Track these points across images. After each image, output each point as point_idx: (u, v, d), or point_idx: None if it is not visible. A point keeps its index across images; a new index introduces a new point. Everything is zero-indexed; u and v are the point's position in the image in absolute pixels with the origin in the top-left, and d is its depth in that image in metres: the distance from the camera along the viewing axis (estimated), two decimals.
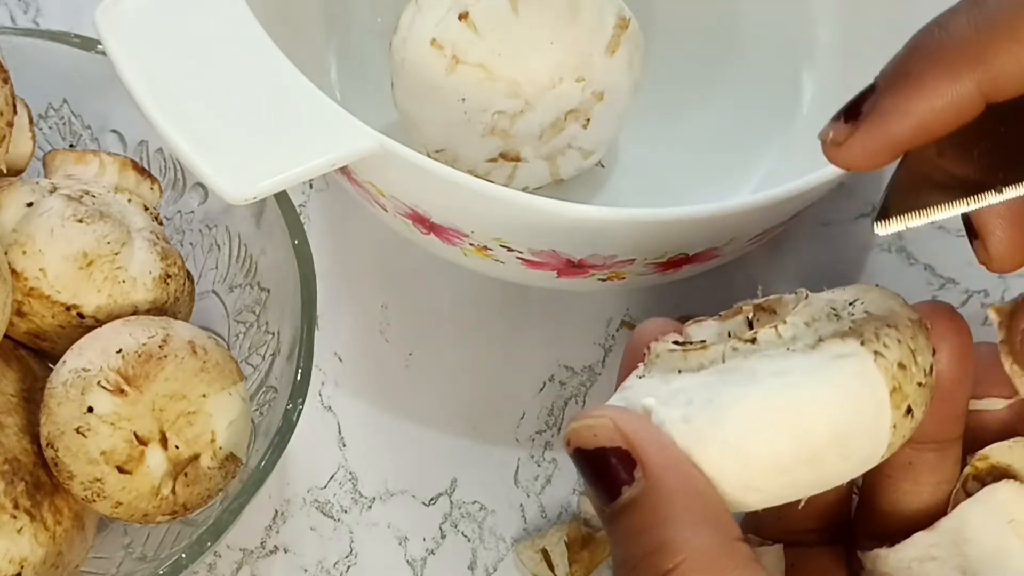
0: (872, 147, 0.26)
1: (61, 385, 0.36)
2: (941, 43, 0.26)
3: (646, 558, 0.26)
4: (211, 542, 0.36)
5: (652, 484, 0.27)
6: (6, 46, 0.41)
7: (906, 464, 0.31)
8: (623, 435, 0.27)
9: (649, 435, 0.27)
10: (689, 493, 0.27)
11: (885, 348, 0.27)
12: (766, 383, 0.27)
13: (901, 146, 0.26)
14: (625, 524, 0.27)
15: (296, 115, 0.38)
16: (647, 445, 0.27)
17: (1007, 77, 0.25)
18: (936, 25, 0.26)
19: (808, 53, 0.54)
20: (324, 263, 0.45)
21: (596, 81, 0.45)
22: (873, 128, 0.26)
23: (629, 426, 0.27)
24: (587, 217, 0.39)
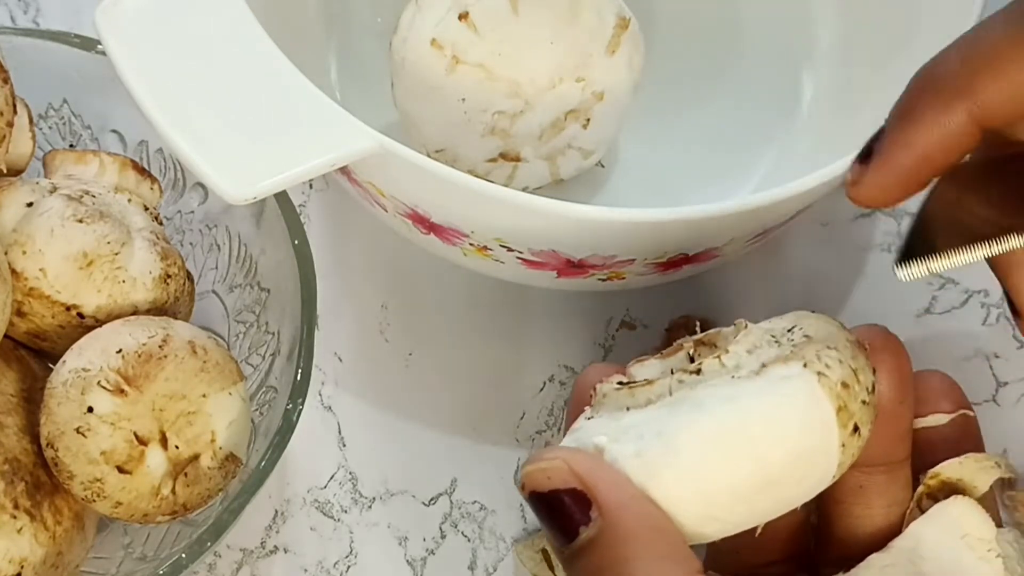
0: (884, 183, 0.28)
1: (61, 385, 0.36)
2: (934, 78, 0.27)
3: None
4: (211, 542, 0.36)
5: (609, 523, 0.27)
6: (6, 46, 0.41)
7: (856, 488, 0.32)
8: (576, 475, 0.27)
9: (602, 474, 0.27)
10: (647, 529, 0.27)
11: (827, 368, 0.28)
12: (715, 410, 0.27)
13: (911, 179, 0.27)
14: (584, 564, 0.27)
15: (296, 115, 0.38)
16: (601, 484, 0.27)
17: (995, 105, 0.26)
18: (931, 62, 0.28)
19: (808, 53, 0.54)
20: (324, 263, 0.45)
21: (596, 81, 0.45)
22: (882, 164, 0.28)
23: (582, 466, 0.27)
24: (587, 217, 0.39)
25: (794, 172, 0.41)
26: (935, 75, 0.27)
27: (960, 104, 0.27)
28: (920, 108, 0.27)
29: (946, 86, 0.27)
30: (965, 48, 0.27)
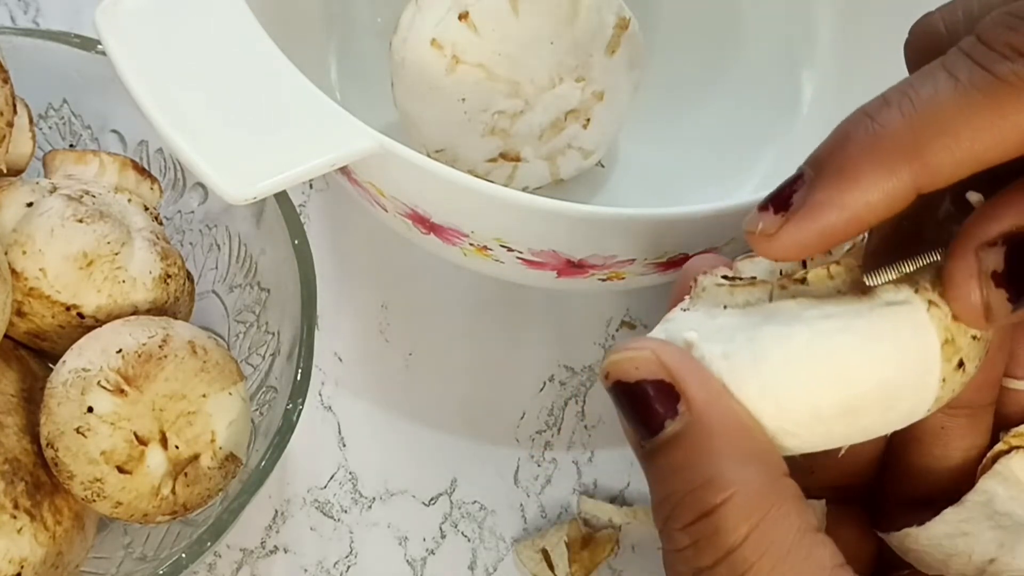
0: (803, 240, 0.26)
1: (61, 385, 0.36)
2: (876, 136, 0.26)
3: (691, 493, 0.26)
4: (211, 542, 0.36)
5: (696, 418, 0.26)
6: (6, 46, 0.41)
7: (938, 428, 0.31)
8: (666, 368, 0.27)
9: (692, 369, 0.27)
10: (734, 428, 0.26)
11: (940, 298, 0.27)
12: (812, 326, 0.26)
13: (834, 238, 0.26)
14: (667, 459, 0.27)
15: (296, 115, 0.38)
16: (690, 378, 0.26)
17: (942, 171, 0.26)
18: (867, 116, 0.27)
19: (808, 53, 0.54)
20: (324, 263, 0.45)
21: (596, 81, 0.45)
22: (805, 220, 0.26)
23: (672, 359, 0.27)
24: (587, 217, 0.39)
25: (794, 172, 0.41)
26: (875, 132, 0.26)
27: (905, 168, 0.26)
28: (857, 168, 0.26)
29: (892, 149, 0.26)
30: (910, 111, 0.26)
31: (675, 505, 0.26)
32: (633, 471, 0.47)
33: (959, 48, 0.26)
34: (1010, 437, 0.32)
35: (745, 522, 0.25)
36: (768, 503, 0.26)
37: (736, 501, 0.25)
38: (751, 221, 0.27)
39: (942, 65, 0.26)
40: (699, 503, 0.26)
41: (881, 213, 0.26)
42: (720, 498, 0.26)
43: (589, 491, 0.47)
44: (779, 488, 0.26)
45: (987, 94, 0.25)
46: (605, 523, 0.46)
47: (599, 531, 0.45)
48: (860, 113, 0.27)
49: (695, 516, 0.26)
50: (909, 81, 0.27)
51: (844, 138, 0.27)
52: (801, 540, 0.26)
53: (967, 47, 0.26)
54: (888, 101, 0.27)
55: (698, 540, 0.26)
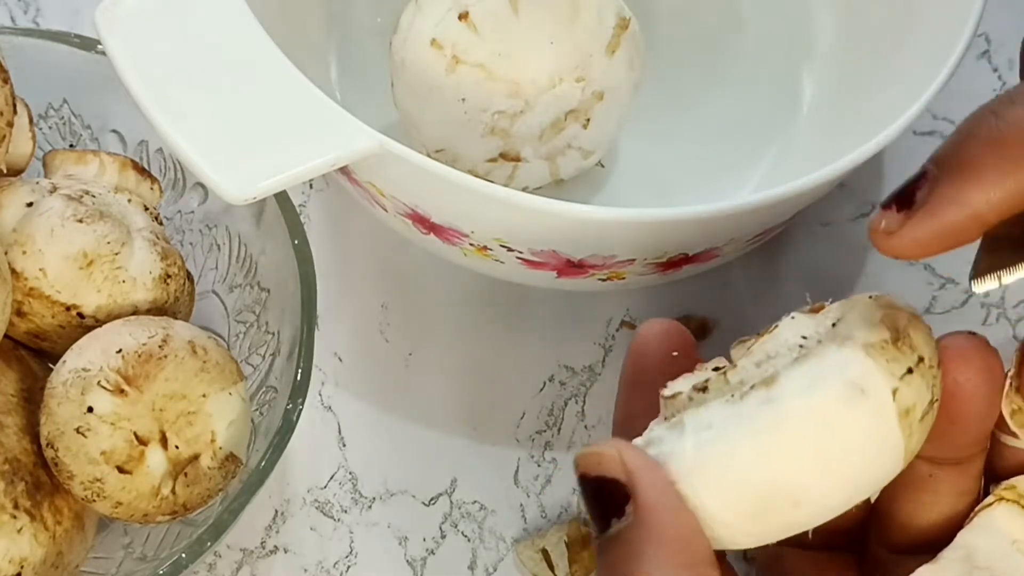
0: (924, 238, 0.26)
1: (61, 385, 0.36)
2: (1000, 133, 0.26)
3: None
4: (211, 542, 0.36)
5: (639, 521, 0.27)
6: (6, 46, 0.41)
7: (926, 476, 0.31)
8: (626, 469, 0.27)
9: (648, 473, 0.27)
10: (674, 537, 0.27)
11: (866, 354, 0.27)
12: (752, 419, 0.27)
13: (953, 238, 0.26)
14: (608, 556, 0.27)
15: (296, 115, 0.38)
16: (644, 481, 0.27)
17: None
18: (991, 113, 0.26)
19: (808, 53, 0.54)
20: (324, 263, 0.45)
21: (596, 81, 0.45)
22: (927, 218, 0.26)
23: (631, 461, 0.27)
24: (587, 217, 0.39)
25: (794, 172, 0.41)
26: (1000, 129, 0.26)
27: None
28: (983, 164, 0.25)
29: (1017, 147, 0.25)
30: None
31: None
32: None
33: None
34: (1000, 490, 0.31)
35: None
36: None
37: None
38: (875, 220, 0.27)
39: None
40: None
41: (1004, 211, 0.26)
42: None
43: None
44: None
45: None
46: None
47: None
48: (985, 111, 0.26)
49: None
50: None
51: (968, 136, 0.26)
52: None
53: None
54: (1013, 99, 0.26)
55: None
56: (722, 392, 0.28)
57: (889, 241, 0.27)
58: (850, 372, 0.26)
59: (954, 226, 0.26)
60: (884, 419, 0.26)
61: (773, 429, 0.26)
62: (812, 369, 0.27)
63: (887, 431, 0.27)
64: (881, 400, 0.26)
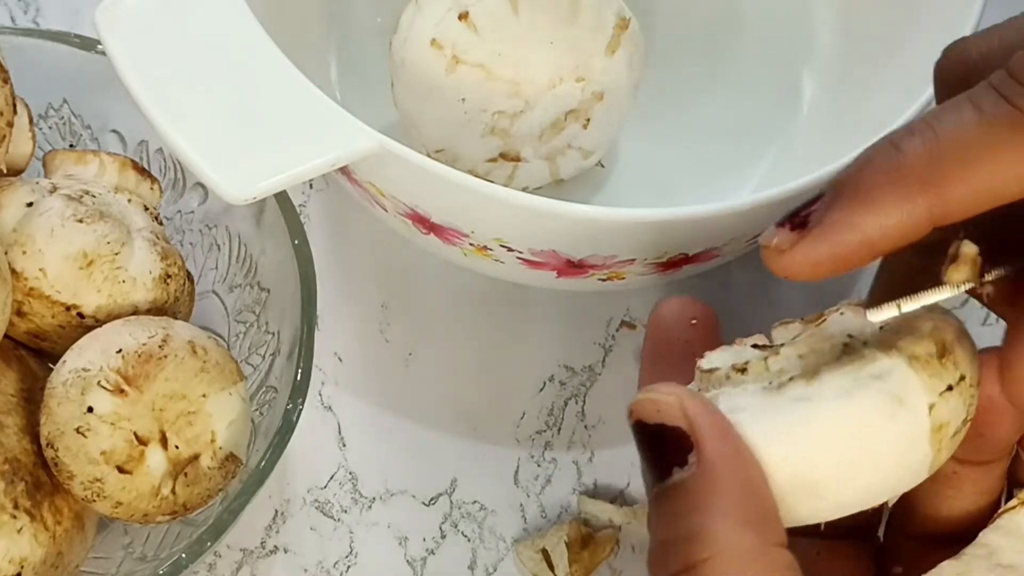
0: (815, 258, 0.27)
1: (61, 385, 0.36)
2: (896, 163, 0.26)
3: (680, 543, 0.26)
4: (211, 542, 0.36)
5: (703, 471, 0.26)
6: (6, 46, 0.41)
7: (950, 473, 0.31)
8: (686, 417, 0.27)
9: (712, 422, 0.27)
10: (739, 489, 0.26)
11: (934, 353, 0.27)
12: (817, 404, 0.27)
13: (845, 260, 0.26)
14: (668, 505, 0.27)
15: (296, 115, 0.38)
16: (707, 431, 0.27)
17: (957, 203, 0.26)
18: (891, 144, 0.27)
19: (808, 53, 0.54)
20: (324, 263, 0.45)
21: (596, 81, 0.45)
22: (819, 239, 0.26)
23: (694, 409, 0.27)
24: (587, 217, 0.39)
25: (794, 172, 0.41)
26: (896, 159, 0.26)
27: (923, 198, 0.26)
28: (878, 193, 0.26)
29: (907, 174, 0.26)
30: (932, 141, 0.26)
31: (664, 552, 0.27)
32: (633, 471, 0.47)
33: (988, 82, 0.26)
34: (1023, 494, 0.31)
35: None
36: (752, 571, 0.26)
37: (718, 561, 0.26)
38: (767, 236, 0.27)
39: (968, 98, 0.26)
40: (685, 555, 0.26)
41: (895, 240, 0.26)
42: (705, 555, 0.26)
43: (589, 491, 0.47)
44: (768, 557, 0.26)
45: (1011, 129, 0.25)
46: (605, 523, 0.46)
47: (599, 531, 0.45)
48: (885, 140, 0.27)
49: (679, 568, 0.26)
50: (935, 112, 0.27)
51: (866, 163, 0.27)
52: None
53: (996, 81, 0.26)
54: (913, 130, 0.26)
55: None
56: (761, 378, 0.28)
57: (781, 259, 0.27)
58: (891, 383, 0.27)
59: (846, 249, 0.26)
60: (917, 433, 0.27)
61: (807, 425, 0.27)
62: (854, 372, 0.27)
63: (917, 445, 0.27)
64: (917, 415, 0.27)
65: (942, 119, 0.26)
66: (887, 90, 0.47)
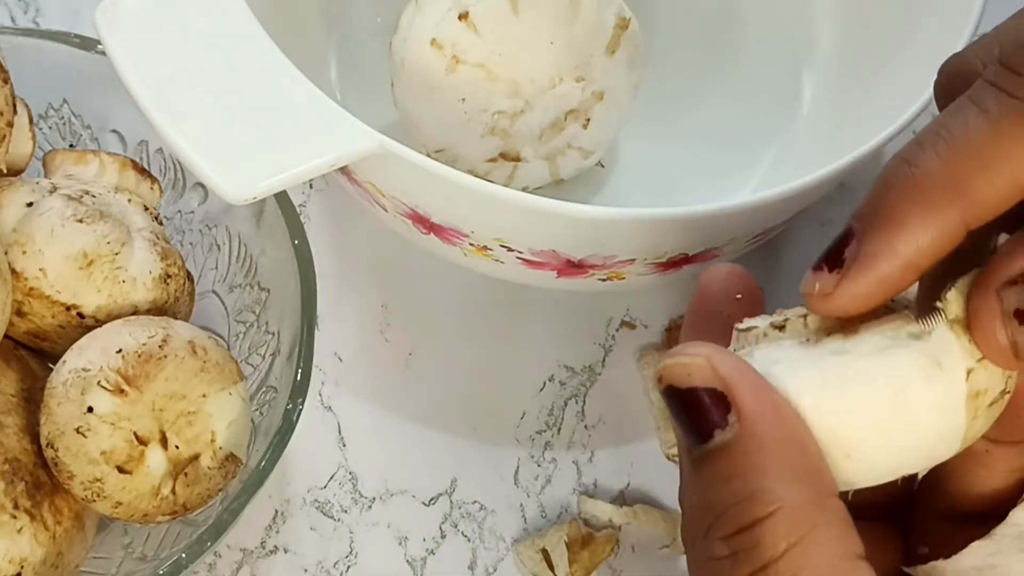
0: (862, 293, 0.27)
1: (61, 385, 0.36)
2: (915, 181, 0.26)
3: (735, 506, 0.26)
4: (211, 542, 0.36)
5: (746, 430, 0.26)
6: (6, 46, 0.41)
7: (982, 452, 0.30)
8: (719, 376, 0.26)
9: (747, 378, 0.26)
10: (785, 442, 0.26)
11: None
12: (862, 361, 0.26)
13: (892, 287, 0.26)
14: (713, 468, 0.26)
15: (296, 115, 0.38)
16: (744, 388, 0.26)
17: (987, 204, 0.26)
18: (904, 162, 0.27)
19: (808, 53, 0.54)
20: (324, 263, 0.45)
21: (596, 81, 0.45)
22: (861, 275, 0.26)
23: (727, 368, 0.26)
24: (587, 217, 0.39)
25: (794, 172, 0.41)
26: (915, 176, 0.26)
27: (952, 209, 0.26)
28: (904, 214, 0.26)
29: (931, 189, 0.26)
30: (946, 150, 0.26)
31: (718, 515, 0.26)
32: (633, 471, 0.47)
33: (984, 80, 0.26)
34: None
35: (785, 539, 0.25)
36: (811, 523, 0.25)
37: (779, 517, 0.25)
38: (808, 283, 0.27)
39: (970, 99, 0.26)
40: (742, 516, 0.26)
41: (934, 255, 0.26)
42: (763, 513, 0.25)
43: (589, 491, 0.47)
44: (824, 509, 0.26)
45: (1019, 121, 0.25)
46: (605, 523, 0.46)
47: (599, 531, 0.45)
48: (898, 160, 0.27)
49: (736, 528, 0.26)
50: (940, 120, 0.27)
51: (886, 188, 0.27)
52: (839, 565, 0.26)
53: (992, 76, 0.26)
54: (923, 144, 0.26)
55: (737, 552, 0.26)
56: (799, 333, 0.28)
57: (828, 303, 0.27)
58: (931, 343, 0.26)
59: (890, 277, 0.26)
60: (953, 397, 0.26)
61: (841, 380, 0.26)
62: (893, 331, 0.27)
63: (953, 410, 0.27)
64: (954, 378, 0.26)
65: (949, 126, 0.26)
66: (887, 90, 0.47)
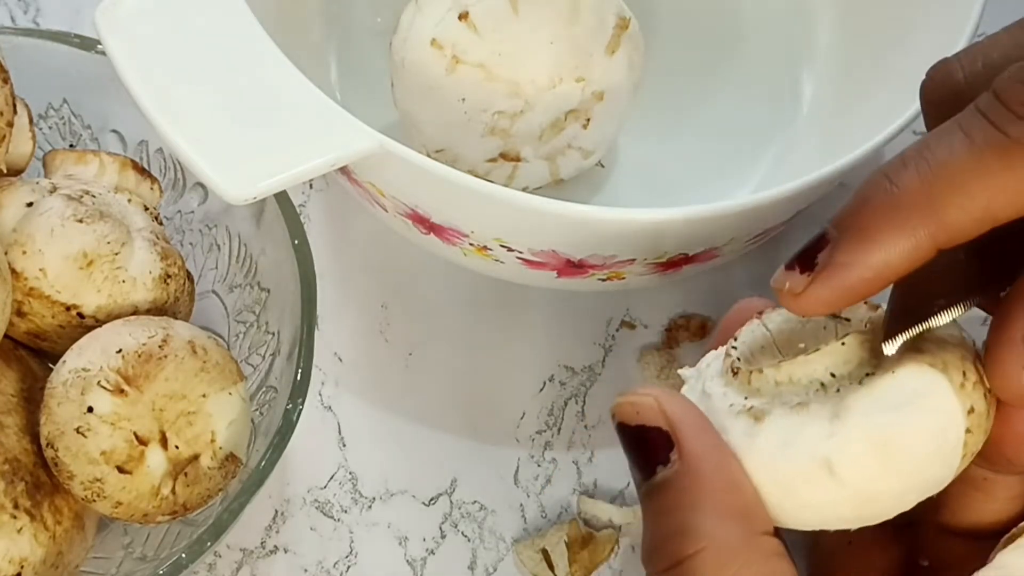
0: (827, 298, 0.28)
1: (61, 385, 0.36)
2: (893, 197, 0.27)
3: (668, 539, 0.27)
4: (211, 542, 0.36)
5: (685, 468, 0.27)
6: (6, 46, 0.41)
7: (980, 479, 0.31)
8: (665, 416, 0.28)
9: (691, 419, 0.28)
10: (721, 482, 0.27)
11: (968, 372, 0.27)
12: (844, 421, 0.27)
13: (857, 295, 0.27)
14: (657, 503, 0.28)
15: (296, 115, 0.38)
16: (686, 428, 0.28)
17: (959, 229, 0.27)
18: (885, 178, 0.27)
19: (808, 53, 0.54)
20: (324, 263, 0.45)
21: (596, 81, 0.45)
22: (830, 279, 0.27)
23: (671, 407, 0.28)
24: (587, 217, 0.39)
25: (794, 172, 0.41)
26: (892, 194, 0.27)
27: (923, 228, 0.27)
28: (877, 228, 0.27)
29: (909, 209, 0.27)
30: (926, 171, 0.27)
31: (655, 548, 0.28)
32: None
33: (975, 106, 0.27)
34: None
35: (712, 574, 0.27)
36: (739, 561, 0.27)
37: (706, 555, 0.27)
38: (779, 279, 0.28)
39: (958, 125, 0.27)
40: (674, 551, 0.27)
41: (902, 270, 0.27)
42: (692, 550, 0.27)
43: (589, 491, 0.47)
44: (754, 547, 0.27)
45: (1000, 156, 0.26)
46: (605, 523, 0.46)
47: (599, 531, 0.45)
48: (879, 174, 0.28)
49: (669, 563, 0.27)
50: (926, 141, 0.27)
51: (864, 200, 0.28)
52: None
53: (983, 106, 0.27)
54: (906, 162, 0.27)
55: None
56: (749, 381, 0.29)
57: (796, 301, 0.28)
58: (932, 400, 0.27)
59: (857, 286, 0.27)
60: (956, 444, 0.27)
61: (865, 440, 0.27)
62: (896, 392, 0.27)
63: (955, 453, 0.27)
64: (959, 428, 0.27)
65: (933, 148, 0.27)
66: (887, 90, 0.47)
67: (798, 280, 0.28)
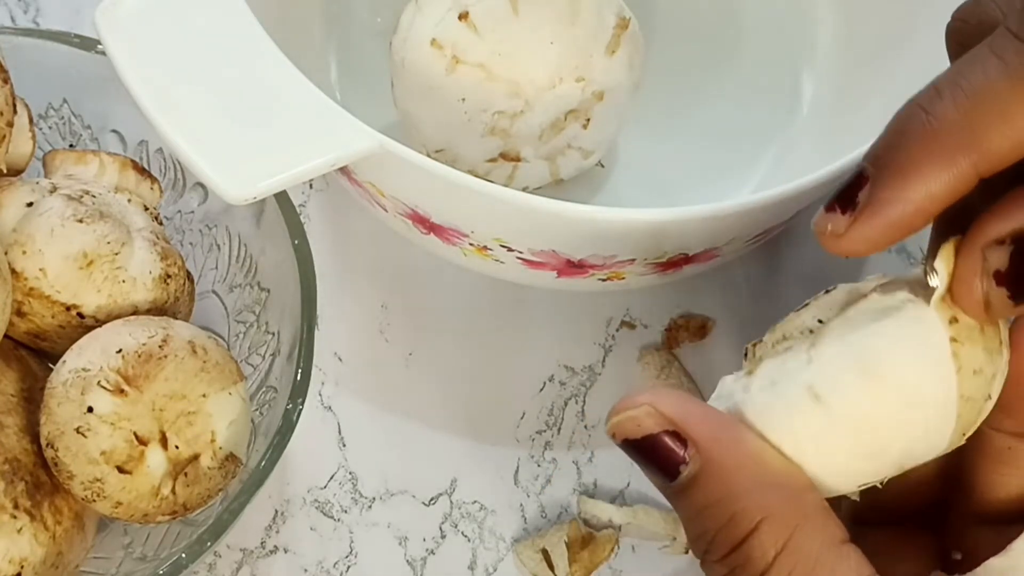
0: (872, 236, 0.27)
1: (61, 385, 0.36)
2: (930, 128, 0.27)
3: (721, 531, 0.27)
4: (211, 542, 0.36)
5: (707, 457, 0.27)
6: (6, 46, 0.41)
7: (1005, 449, 0.31)
8: (666, 418, 0.28)
9: (692, 411, 0.28)
10: (745, 458, 0.27)
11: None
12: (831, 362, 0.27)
13: (902, 231, 0.27)
14: (691, 501, 0.28)
15: (296, 115, 0.38)
16: (691, 419, 0.28)
17: (1000, 155, 0.26)
18: (920, 108, 0.27)
19: (808, 53, 0.54)
20: (324, 263, 0.45)
21: (596, 81, 0.45)
22: (873, 218, 0.27)
23: (668, 406, 0.28)
24: (587, 217, 0.39)
25: (794, 172, 0.41)
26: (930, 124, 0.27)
27: (964, 157, 0.26)
28: (917, 161, 0.26)
29: (945, 138, 0.26)
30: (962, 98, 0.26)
31: (709, 541, 0.28)
32: (633, 471, 0.47)
33: (1007, 28, 0.26)
34: None
35: (772, 547, 0.27)
36: (793, 523, 0.27)
37: (763, 528, 0.27)
38: (819, 222, 0.28)
39: (990, 49, 0.26)
40: (730, 537, 0.27)
41: (946, 202, 0.27)
42: (748, 529, 0.27)
43: (589, 491, 0.47)
44: (801, 506, 0.27)
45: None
46: (605, 523, 0.46)
47: (599, 531, 0.45)
48: (914, 106, 0.27)
49: (728, 548, 0.27)
50: (958, 68, 0.27)
51: (900, 134, 0.27)
52: (826, 554, 0.27)
53: (1015, 27, 0.26)
54: (940, 91, 0.27)
55: (734, 569, 0.27)
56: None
57: (839, 243, 0.28)
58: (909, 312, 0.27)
59: (900, 221, 0.27)
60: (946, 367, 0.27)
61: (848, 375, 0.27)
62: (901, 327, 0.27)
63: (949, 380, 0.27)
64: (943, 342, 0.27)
65: (967, 75, 0.26)
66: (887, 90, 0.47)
67: (840, 221, 0.27)
